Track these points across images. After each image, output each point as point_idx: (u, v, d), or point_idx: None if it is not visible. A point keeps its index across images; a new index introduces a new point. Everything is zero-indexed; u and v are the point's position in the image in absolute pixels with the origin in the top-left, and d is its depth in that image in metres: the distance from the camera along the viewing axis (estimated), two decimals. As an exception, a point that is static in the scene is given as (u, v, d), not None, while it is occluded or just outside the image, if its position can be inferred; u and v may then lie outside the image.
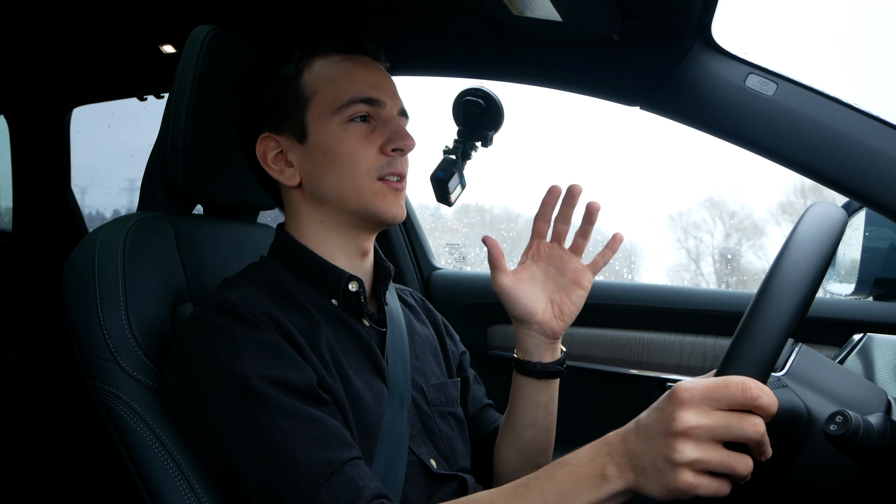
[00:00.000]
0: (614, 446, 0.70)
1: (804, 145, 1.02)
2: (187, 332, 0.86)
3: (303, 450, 0.78)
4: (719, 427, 0.63)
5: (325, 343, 0.90)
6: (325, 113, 0.95)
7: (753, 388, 0.62)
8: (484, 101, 1.38)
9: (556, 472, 0.72)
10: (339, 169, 0.94)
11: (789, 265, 0.70)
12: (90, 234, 0.98)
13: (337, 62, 0.97)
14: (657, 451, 0.65)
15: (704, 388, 0.64)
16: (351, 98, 0.94)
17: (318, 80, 0.96)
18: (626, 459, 0.68)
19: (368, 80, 0.96)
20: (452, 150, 1.42)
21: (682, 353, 1.55)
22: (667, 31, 1.06)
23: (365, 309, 0.98)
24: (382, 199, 0.95)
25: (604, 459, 0.69)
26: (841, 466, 0.76)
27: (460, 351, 1.19)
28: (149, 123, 1.66)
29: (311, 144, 0.95)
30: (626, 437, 0.69)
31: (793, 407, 0.78)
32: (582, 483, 0.69)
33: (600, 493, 0.68)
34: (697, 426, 0.63)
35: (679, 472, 0.63)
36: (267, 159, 0.98)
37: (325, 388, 0.85)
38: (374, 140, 0.95)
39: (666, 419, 0.65)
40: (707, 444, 0.63)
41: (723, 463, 0.63)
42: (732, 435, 0.63)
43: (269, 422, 0.78)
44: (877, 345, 1.15)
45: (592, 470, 0.69)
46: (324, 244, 0.98)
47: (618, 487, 0.68)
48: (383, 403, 0.93)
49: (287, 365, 0.83)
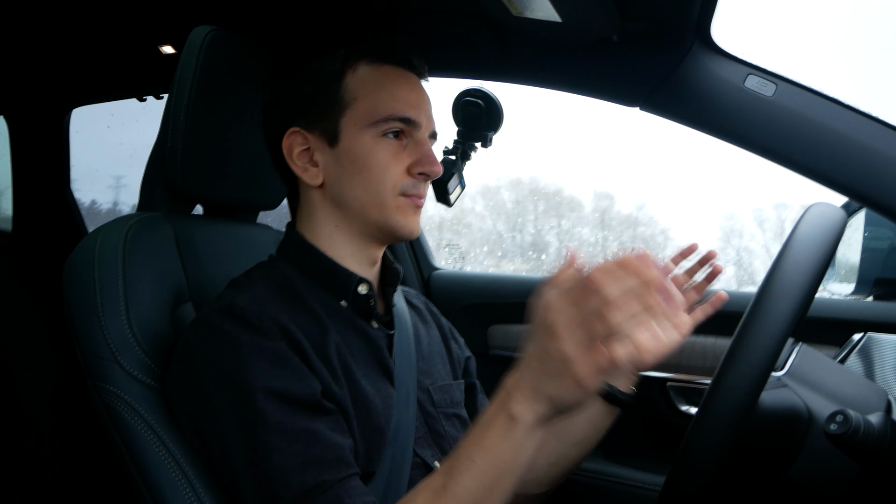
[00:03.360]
0: (511, 388, 0.71)
1: (804, 146, 1.02)
2: (194, 335, 0.86)
3: (296, 470, 0.78)
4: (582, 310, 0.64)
5: (334, 347, 0.90)
6: (360, 122, 0.94)
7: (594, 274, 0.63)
8: (483, 102, 1.38)
9: (472, 435, 0.73)
10: (366, 180, 0.93)
11: (789, 265, 0.70)
12: (90, 234, 0.98)
13: (383, 72, 0.96)
14: (549, 363, 0.66)
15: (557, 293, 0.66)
16: (390, 114, 0.93)
17: (361, 87, 0.95)
18: (527, 393, 0.69)
19: (409, 98, 0.96)
20: (452, 151, 1.42)
21: (682, 353, 1.55)
22: (666, 31, 1.07)
23: (374, 311, 0.98)
24: (403, 214, 0.95)
25: (505, 403, 0.71)
26: (841, 466, 0.76)
27: (466, 356, 1.18)
28: (149, 124, 1.66)
29: (341, 150, 0.95)
30: (519, 377, 0.70)
31: (793, 406, 0.78)
32: (497, 434, 0.71)
33: (517, 434, 0.70)
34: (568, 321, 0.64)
35: (576, 365, 0.64)
36: (292, 154, 0.96)
37: (330, 397, 0.85)
38: (403, 159, 0.94)
39: (542, 334, 0.66)
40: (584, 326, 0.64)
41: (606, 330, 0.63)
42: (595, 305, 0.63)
43: (267, 439, 0.79)
44: (877, 344, 1.15)
45: (501, 419, 0.70)
46: (336, 247, 0.97)
47: (528, 421, 0.69)
48: (391, 406, 0.93)
49: (291, 375, 0.83)
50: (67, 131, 1.99)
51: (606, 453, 1.62)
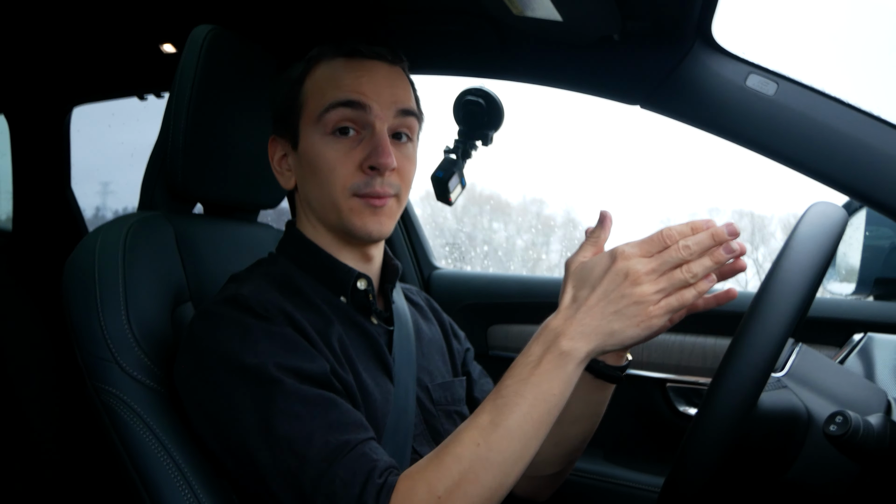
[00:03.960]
0: (559, 329, 0.77)
1: (804, 145, 1.01)
2: (199, 325, 0.86)
3: (320, 433, 0.78)
4: (661, 263, 0.74)
5: (337, 338, 0.90)
6: (310, 121, 0.94)
7: (672, 229, 0.75)
8: (484, 101, 1.38)
9: (518, 374, 0.78)
10: (320, 182, 0.93)
11: (789, 265, 0.70)
12: (90, 233, 0.98)
13: (334, 66, 0.95)
14: (623, 304, 0.74)
15: (637, 244, 0.76)
16: (330, 102, 0.92)
17: (313, 86, 0.95)
18: (582, 330, 0.76)
19: (354, 83, 0.92)
20: (453, 150, 1.42)
21: (682, 353, 1.55)
22: (667, 30, 1.06)
23: (373, 307, 0.98)
24: (358, 215, 0.93)
25: (556, 342, 0.76)
26: (841, 467, 0.76)
27: (465, 348, 1.19)
28: (149, 123, 1.66)
29: (300, 153, 0.96)
30: (569, 317, 0.77)
31: (792, 407, 0.78)
32: (547, 370, 0.76)
33: (568, 368, 0.76)
34: (649, 269, 0.74)
35: (648, 307, 0.74)
36: (274, 160, 1.00)
37: (338, 378, 0.86)
38: (354, 156, 0.92)
39: (616, 278, 0.75)
40: (660, 278, 0.74)
41: (679, 279, 0.74)
42: (673, 261, 0.74)
43: (286, 407, 0.79)
44: (877, 345, 1.15)
45: (551, 356, 0.76)
46: (329, 245, 0.98)
47: (581, 355, 0.76)
48: (390, 402, 0.93)
49: (301, 355, 0.83)
50: (68, 131, 1.99)
51: (606, 454, 1.61)
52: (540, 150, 2.94)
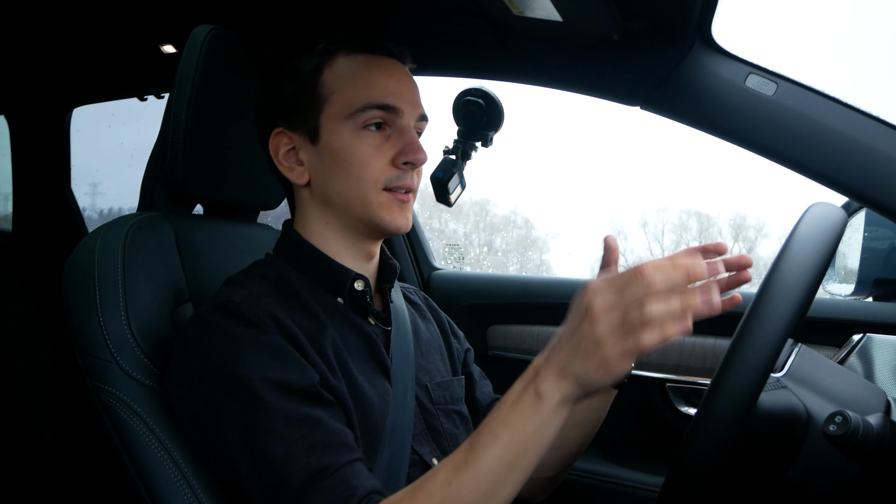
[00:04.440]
0: (540, 366, 0.72)
1: (804, 145, 1.02)
2: (191, 332, 0.86)
3: (302, 455, 0.78)
4: (624, 299, 0.65)
5: (330, 343, 0.90)
6: (339, 116, 0.93)
7: (643, 267, 0.64)
8: (484, 101, 1.38)
9: (498, 412, 0.74)
10: (347, 176, 0.93)
11: (789, 265, 0.70)
12: (90, 234, 0.98)
13: (359, 62, 0.95)
14: (580, 343, 0.67)
15: (604, 279, 0.68)
16: (367, 103, 0.92)
17: (337, 80, 0.94)
18: (556, 371, 0.70)
19: (388, 85, 0.94)
20: (452, 151, 1.42)
21: (682, 353, 1.55)
22: (667, 31, 1.06)
23: (370, 307, 0.98)
24: (388, 210, 0.94)
25: (533, 380, 0.72)
26: (840, 467, 0.76)
27: (465, 348, 1.19)
28: (149, 123, 1.66)
29: (322, 147, 0.94)
30: (550, 356, 0.71)
31: (792, 408, 0.78)
32: (523, 411, 0.72)
33: (542, 411, 0.71)
34: (605, 306, 0.66)
35: (606, 346, 0.65)
36: (279, 155, 0.97)
37: (328, 389, 0.85)
38: (386, 150, 0.93)
39: (579, 315, 0.68)
40: (620, 314, 0.65)
41: (641, 312, 0.64)
42: (635, 295, 0.64)
43: (269, 426, 0.78)
44: (876, 345, 1.15)
45: (528, 396, 0.72)
46: (330, 244, 0.98)
47: (555, 399, 0.70)
48: (388, 403, 0.93)
49: (290, 367, 0.83)
50: (68, 131, 1.99)
51: (606, 454, 1.61)
52: (487, 150, 2.99)
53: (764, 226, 3.14)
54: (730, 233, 3.17)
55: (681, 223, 3.21)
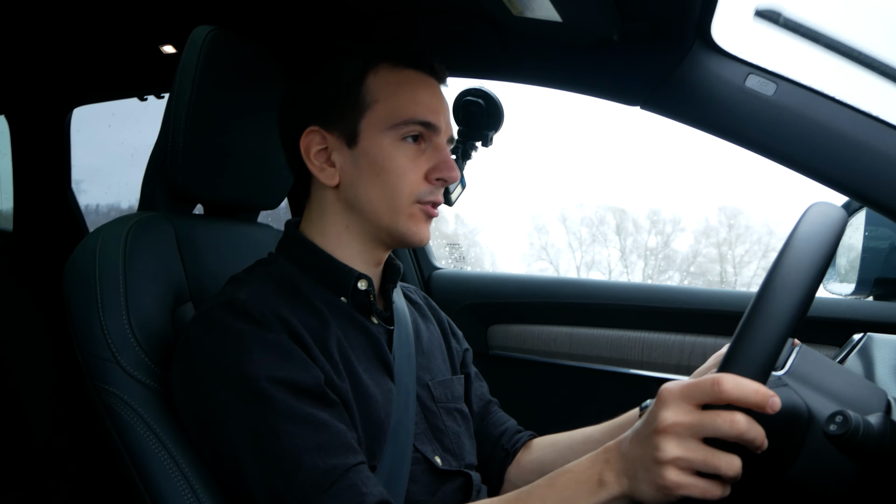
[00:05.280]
0: (612, 453, 0.72)
1: (804, 145, 1.02)
2: (196, 330, 0.86)
3: (308, 455, 0.78)
4: (695, 424, 0.64)
5: (335, 341, 0.90)
6: (380, 124, 0.93)
7: (724, 382, 0.63)
8: (484, 101, 1.38)
9: (557, 480, 0.74)
10: (382, 184, 0.93)
11: (789, 265, 0.70)
12: (91, 234, 0.98)
13: (405, 75, 0.96)
14: (645, 452, 0.66)
15: (682, 386, 0.66)
16: (411, 118, 0.93)
17: (382, 89, 0.94)
18: (622, 465, 0.69)
19: (430, 103, 0.96)
20: (452, 151, 1.42)
21: (682, 353, 1.55)
22: (667, 31, 1.07)
23: (374, 307, 0.98)
24: (415, 222, 0.95)
25: (602, 466, 0.71)
26: (841, 466, 0.76)
27: (464, 348, 1.19)
28: (149, 123, 1.66)
29: (359, 151, 0.94)
30: (622, 444, 0.71)
31: (793, 405, 0.78)
32: (580, 489, 0.71)
33: (597, 498, 0.70)
34: (676, 423, 0.64)
35: (664, 470, 0.64)
36: (310, 153, 0.96)
37: (333, 389, 0.86)
38: (421, 164, 0.95)
39: (651, 420, 0.67)
40: (689, 442, 0.64)
41: (706, 461, 0.63)
42: (710, 430, 0.63)
43: (276, 425, 0.79)
44: (877, 345, 1.15)
45: (590, 476, 0.71)
46: (343, 248, 0.97)
47: (614, 493, 0.70)
48: (392, 401, 0.93)
49: (296, 365, 0.83)
50: (68, 131, 1.99)
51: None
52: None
53: (680, 220, 3.23)
54: (650, 225, 3.25)
55: (598, 217, 3.30)
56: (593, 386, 1.63)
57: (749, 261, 3.06)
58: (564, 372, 1.63)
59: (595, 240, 3.20)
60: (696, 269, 3.11)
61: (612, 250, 3.23)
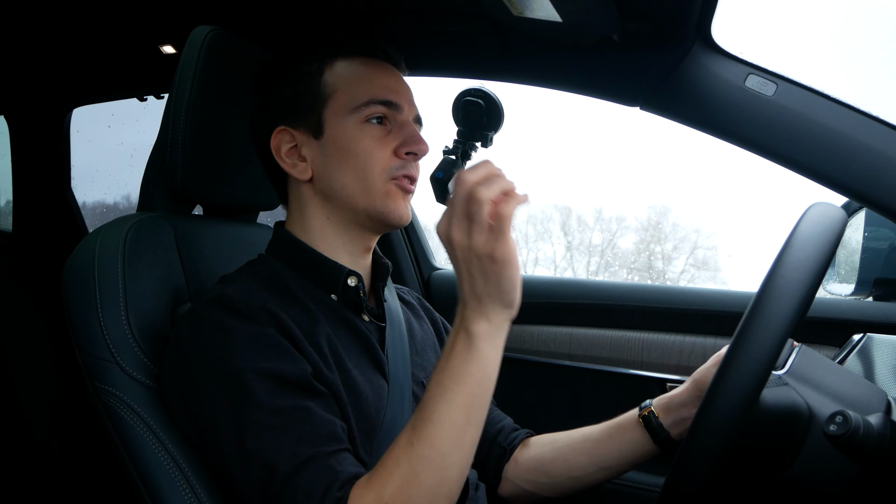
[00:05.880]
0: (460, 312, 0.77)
1: (804, 145, 1.02)
2: (185, 326, 0.86)
3: (289, 446, 0.78)
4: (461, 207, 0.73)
5: (325, 337, 0.90)
6: (342, 111, 0.96)
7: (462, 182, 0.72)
8: (484, 102, 1.38)
9: (438, 365, 0.77)
10: (353, 167, 0.95)
11: (789, 265, 0.70)
12: (90, 234, 0.98)
13: (358, 64, 0.99)
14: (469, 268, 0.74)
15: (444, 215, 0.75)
16: (370, 98, 0.96)
17: (339, 79, 0.97)
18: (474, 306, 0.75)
19: (388, 83, 0.98)
20: (452, 151, 1.42)
21: (682, 353, 1.55)
22: (667, 31, 1.07)
23: (364, 304, 0.99)
24: (393, 199, 0.96)
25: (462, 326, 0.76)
26: (841, 466, 0.76)
27: None
28: (149, 124, 1.66)
29: (326, 140, 0.96)
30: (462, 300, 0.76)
31: (794, 405, 0.78)
32: (459, 354, 0.75)
33: (478, 347, 0.75)
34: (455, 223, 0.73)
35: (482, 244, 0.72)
36: (280, 152, 0.98)
37: (321, 380, 0.86)
38: (388, 142, 0.96)
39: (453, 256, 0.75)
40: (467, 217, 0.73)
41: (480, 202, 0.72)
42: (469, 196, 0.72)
43: (259, 418, 0.79)
44: (877, 345, 1.15)
45: (461, 340, 0.76)
46: (328, 240, 0.99)
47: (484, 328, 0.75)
48: (383, 398, 0.93)
49: (282, 357, 0.83)
50: (68, 131, 2.00)
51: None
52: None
53: (624, 218, 3.32)
54: (594, 221, 3.34)
55: (545, 215, 3.37)
56: (593, 386, 1.63)
57: (676, 256, 3.14)
58: (564, 372, 1.63)
59: (541, 235, 3.30)
60: (639, 265, 3.19)
61: (558, 247, 3.30)
